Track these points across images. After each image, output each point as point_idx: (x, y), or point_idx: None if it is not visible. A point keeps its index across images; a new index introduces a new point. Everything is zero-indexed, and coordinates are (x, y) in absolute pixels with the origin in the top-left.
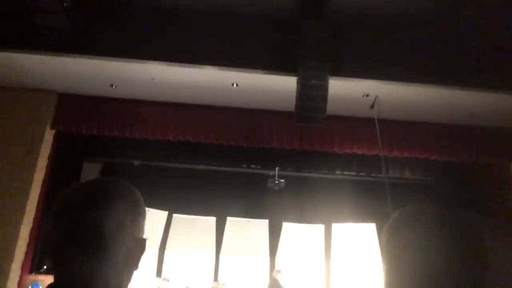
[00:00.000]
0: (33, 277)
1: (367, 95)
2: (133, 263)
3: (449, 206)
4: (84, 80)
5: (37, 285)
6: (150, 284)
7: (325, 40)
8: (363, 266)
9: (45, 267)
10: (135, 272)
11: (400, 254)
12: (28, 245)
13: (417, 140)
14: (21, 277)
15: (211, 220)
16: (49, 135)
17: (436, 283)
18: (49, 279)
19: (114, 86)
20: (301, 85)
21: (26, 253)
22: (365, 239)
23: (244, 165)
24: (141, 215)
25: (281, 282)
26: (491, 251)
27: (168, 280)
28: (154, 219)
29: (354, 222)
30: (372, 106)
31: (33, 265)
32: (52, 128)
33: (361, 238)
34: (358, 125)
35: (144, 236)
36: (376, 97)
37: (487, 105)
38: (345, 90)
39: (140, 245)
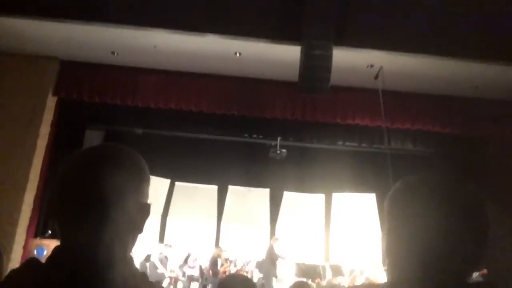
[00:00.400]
0: (38, 241)
1: (371, 66)
2: (137, 227)
3: (451, 178)
4: (86, 47)
5: (42, 249)
6: (153, 249)
7: (330, 8)
8: (362, 235)
9: (49, 231)
10: (138, 237)
11: (401, 222)
12: (33, 210)
13: (420, 112)
14: (26, 241)
15: (213, 188)
16: (51, 102)
17: (435, 252)
18: (54, 243)
19: (116, 54)
20: (304, 55)
21: (31, 218)
22: (365, 209)
23: (246, 135)
24: (145, 181)
25: (277, 250)
26: (493, 224)
27: (170, 246)
28: (156, 187)
29: (354, 192)
30: (376, 77)
31: (38, 230)
32: (54, 95)
33: (361, 207)
34: (361, 95)
35: (148, 201)
36: (381, 68)
37: (492, 77)
38: (350, 60)
39: (144, 210)
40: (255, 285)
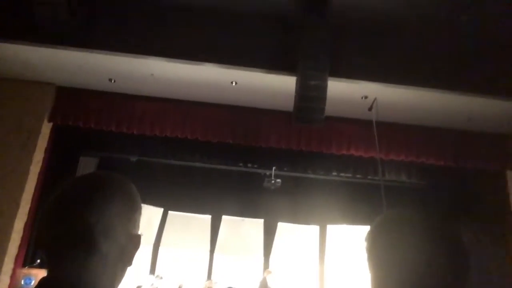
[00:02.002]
0: (26, 271)
1: (365, 97)
2: (127, 260)
3: (429, 211)
4: (83, 74)
5: (29, 279)
6: (144, 280)
7: (326, 40)
8: (357, 268)
9: (38, 261)
10: (129, 269)
11: (384, 257)
12: (22, 238)
13: (415, 144)
14: (14, 270)
15: (206, 218)
16: (46, 128)
17: (421, 283)
18: (42, 273)
19: (113, 81)
20: (300, 85)
21: (20, 246)
22: (360, 242)
23: (241, 164)
24: (137, 211)
25: (270, 283)
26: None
27: (161, 278)
28: (149, 216)
29: (349, 224)
30: (370, 108)
31: (27, 259)
32: (49, 121)
33: (356, 240)
34: (356, 126)
35: (139, 232)
36: (375, 99)
37: (485, 110)
38: (344, 92)
39: (134, 242)
40: None
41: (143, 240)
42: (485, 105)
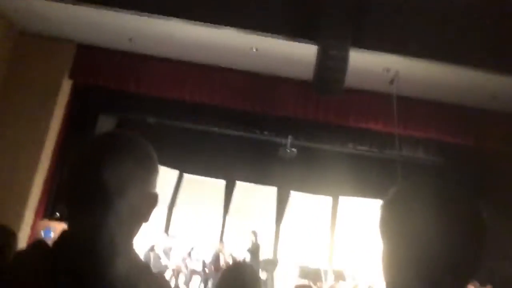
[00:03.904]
0: (45, 222)
1: (387, 70)
2: (143, 217)
3: (446, 183)
4: (103, 32)
5: (49, 230)
6: (158, 239)
7: (349, 9)
8: (367, 241)
9: (57, 214)
10: (143, 228)
11: (397, 231)
12: (42, 192)
13: (434, 120)
14: (34, 222)
15: (221, 182)
16: (66, 85)
17: (433, 259)
18: (61, 225)
19: (132, 41)
20: (321, 54)
21: (40, 199)
22: (371, 214)
23: (257, 131)
24: (154, 171)
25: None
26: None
27: (175, 237)
28: (164, 177)
29: (361, 196)
30: (391, 82)
31: (47, 212)
32: (69, 78)
33: (368, 213)
34: (375, 100)
35: (156, 191)
36: (397, 73)
37: (510, 90)
38: (366, 63)
39: (151, 200)
40: (259, 278)
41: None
42: (510, 84)
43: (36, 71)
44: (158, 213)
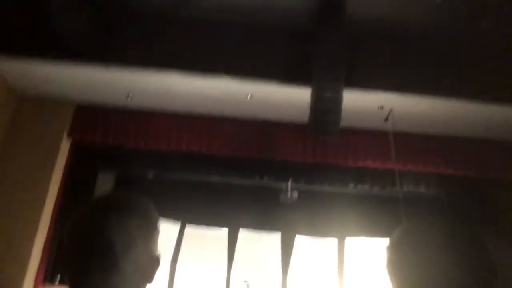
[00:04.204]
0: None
1: (381, 108)
2: (147, 278)
3: (451, 220)
4: (101, 91)
5: None
6: None
7: (340, 51)
8: (376, 281)
9: (58, 276)
10: (148, 285)
11: (407, 271)
12: (42, 256)
13: (432, 154)
14: (34, 287)
15: (223, 232)
16: (65, 146)
17: None
18: None
19: (130, 97)
20: (315, 97)
21: (40, 263)
22: (379, 254)
23: (257, 177)
24: (155, 230)
25: None
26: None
27: None
28: (166, 231)
29: (368, 236)
30: (386, 119)
31: (47, 276)
32: (68, 138)
33: (375, 252)
34: (372, 138)
35: (158, 251)
36: (391, 110)
37: (503, 119)
38: (360, 102)
39: (154, 261)
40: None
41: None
42: (504, 113)
43: (36, 133)
44: (162, 269)
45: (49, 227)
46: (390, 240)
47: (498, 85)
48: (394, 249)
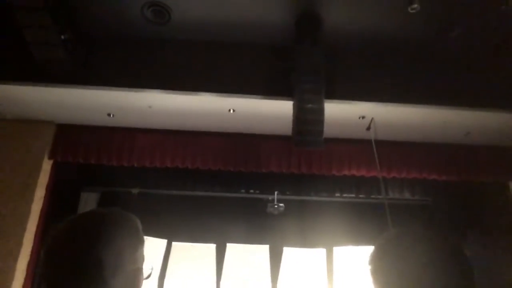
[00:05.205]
0: None
1: (363, 117)
2: None
3: (431, 230)
4: (82, 110)
5: None
6: None
7: (320, 64)
8: None
9: None
10: None
11: (390, 280)
12: (26, 277)
13: (415, 161)
14: None
15: (211, 247)
16: (47, 166)
17: None
18: None
19: (111, 115)
20: (297, 109)
21: (24, 285)
22: (367, 262)
23: (243, 190)
24: (140, 245)
25: None
26: (498, 267)
27: None
28: (153, 248)
29: (355, 245)
30: (368, 128)
31: None
32: (50, 158)
33: (363, 261)
34: (355, 147)
35: (145, 264)
36: (372, 119)
37: (482, 123)
38: (341, 113)
39: (139, 275)
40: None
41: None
42: (482, 118)
43: (15, 155)
44: (149, 285)
45: (32, 247)
46: (373, 249)
47: (475, 92)
48: (376, 257)
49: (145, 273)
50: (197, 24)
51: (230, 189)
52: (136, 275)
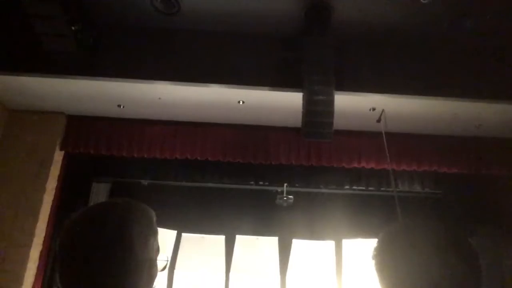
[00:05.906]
0: None
1: (373, 109)
2: (148, 283)
3: (437, 223)
4: (92, 102)
5: None
6: None
7: (329, 55)
8: (374, 282)
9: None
10: None
11: (393, 273)
12: (38, 267)
13: (426, 153)
14: None
15: (220, 238)
16: (58, 157)
17: None
18: None
19: (122, 107)
20: (307, 101)
21: (37, 275)
22: (370, 257)
23: (252, 182)
24: (153, 235)
25: None
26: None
27: None
28: (163, 239)
29: (364, 237)
30: (378, 120)
31: (43, 287)
32: (61, 149)
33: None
34: (365, 139)
35: (166, 257)
36: (383, 111)
37: (495, 116)
38: (351, 105)
39: (153, 266)
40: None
41: (161, 264)
42: (494, 111)
43: (27, 146)
44: (160, 277)
45: (44, 239)
46: (377, 242)
47: (487, 83)
48: (380, 250)
49: (161, 264)
50: (206, 15)
51: (239, 181)
52: (148, 266)
